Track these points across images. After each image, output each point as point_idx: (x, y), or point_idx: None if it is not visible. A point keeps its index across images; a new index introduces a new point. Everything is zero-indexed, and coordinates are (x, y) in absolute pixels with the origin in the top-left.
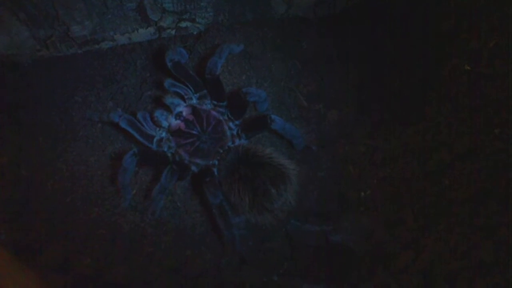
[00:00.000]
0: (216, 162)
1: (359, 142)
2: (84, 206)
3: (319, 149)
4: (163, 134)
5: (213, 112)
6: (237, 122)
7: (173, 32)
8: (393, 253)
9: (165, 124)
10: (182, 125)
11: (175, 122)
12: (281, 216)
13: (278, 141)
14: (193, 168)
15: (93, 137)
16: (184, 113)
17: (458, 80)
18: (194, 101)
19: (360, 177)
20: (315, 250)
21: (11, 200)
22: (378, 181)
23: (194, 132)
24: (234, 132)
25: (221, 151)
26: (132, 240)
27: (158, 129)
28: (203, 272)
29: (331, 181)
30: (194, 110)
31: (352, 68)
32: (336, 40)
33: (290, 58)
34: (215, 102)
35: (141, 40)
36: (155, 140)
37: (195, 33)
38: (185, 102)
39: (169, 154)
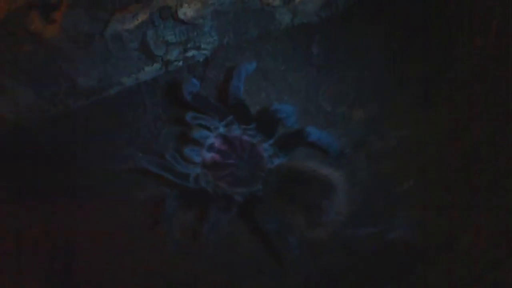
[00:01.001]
0: (261, 187)
1: (389, 136)
2: (129, 260)
3: (352, 151)
4: (198, 170)
5: (245, 137)
6: (270, 142)
7: (180, 63)
8: (452, 238)
9: (198, 159)
10: (217, 157)
11: (209, 155)
12: (336, 226)
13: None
14: (237, 198)
15: (120, 188)
16: (216, 144)
17: (469, 60)
18: (222, 129)
19: (398, 169)
20: (375, 252)
21: (52, 269)
22: (417, 170)
23: (230, 161)
24: (271, 153)
25: (263, 174)
26: (187, 285)
27: (191, 166)
28: None
29: (372, 180)
30: (225, 139)
31: (367, 63)
32: (345, 38)
33: (303, 66)
34: (243, 127)
35: (148, 78)
36: (191, 178)
37: (201, 60)
38: (212, 133)
39: (210, 189)
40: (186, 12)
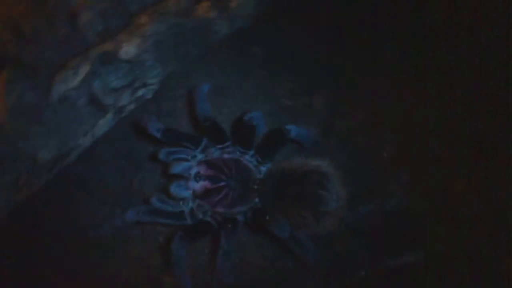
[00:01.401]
0: (257, 200)
1: (355, 112)
2: None
3: (324, 137)
4: (190, 204)
5: (226, 155)
6: (251, 153)
7: (132, 106)
8: (447, 194)
9: (186, 194)
10: (207, 184)
11: (198, 185)
12: (341, 212)
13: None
14: (239, 218)
15: (113, 246)
16: (202, 172)
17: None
18: (200, 156)
19: (374, 141)
20: (380, 228)
21: None
22: (392, 136)
23: (221, 184)
24: (255, 162)
25: (256, 187)
26: None
27: (182, 202)
28: None
29: (353, 159)
30: (208, 163)
31: (311, 52)
32: (282, 33)
33: (252, 69)
34: (220, 146)
35: (104, 131)
36: (186, 214)
37: (150, 97)
38: (192, 162)
39: (209, 219)
40: (128, 51)
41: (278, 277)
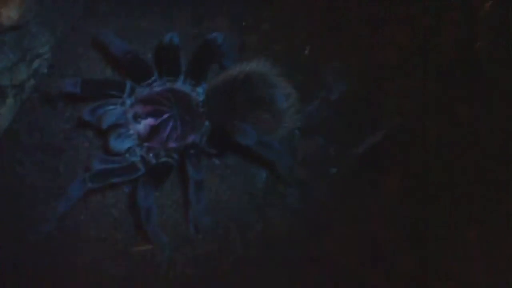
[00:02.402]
0: (207, 123)
1: (261, 25)
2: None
3: (241, 53)
4: (138, 151)
5: (157, 89)
6: (181, 78)
7: (32, 81)
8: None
9: (130, 142)
10: (151, 121)
11: (141, 126)
12: (296, 107)
13: None
14: (198, 144)
15: (66, 236)
16: (140, 110)
17: None
18: (129, 101)
19: (291, 44)
20: (336, 119)
21: None
22: (307, 35)
23: (165, 116)
24: (190, 86)
25: (201, 109)
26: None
27: (128, 154)
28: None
29: (279, 64)
30: (143, 101)
31: None
32: None
33: (147, 8)
34: (148, 81)
35: (9, 121)
36: (138, 164)
37: (47, 70)
38: (124, 107)
39: (165, 159)
40: (9, 14)
41: (253, 202)
